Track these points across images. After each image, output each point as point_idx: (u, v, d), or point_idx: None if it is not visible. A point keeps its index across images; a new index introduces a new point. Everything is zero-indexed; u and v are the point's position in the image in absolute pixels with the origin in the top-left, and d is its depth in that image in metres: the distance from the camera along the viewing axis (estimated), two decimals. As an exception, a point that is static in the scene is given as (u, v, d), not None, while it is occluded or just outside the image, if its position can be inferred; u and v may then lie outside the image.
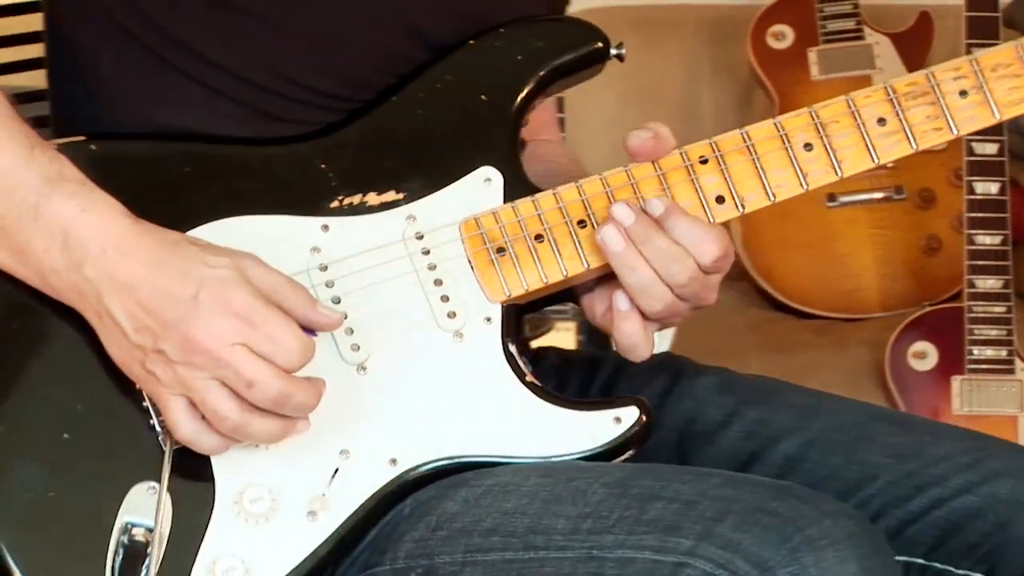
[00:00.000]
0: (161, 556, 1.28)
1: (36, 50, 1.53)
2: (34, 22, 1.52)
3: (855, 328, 2.93)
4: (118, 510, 1.29)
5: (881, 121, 1.35)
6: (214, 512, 1.29)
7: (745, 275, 3.04)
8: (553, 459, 1.32)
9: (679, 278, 1.31)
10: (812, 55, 3.09)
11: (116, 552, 1.28)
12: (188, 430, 1.27)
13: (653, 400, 1.43)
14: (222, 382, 1.25)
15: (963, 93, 1.34)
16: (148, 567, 1.27)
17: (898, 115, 1.35)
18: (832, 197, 2.98)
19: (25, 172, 1.27)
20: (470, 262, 1.34)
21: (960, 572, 1.34)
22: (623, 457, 1.33)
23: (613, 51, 1.39)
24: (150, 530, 1.28)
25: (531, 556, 1.24)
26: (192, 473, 1.29)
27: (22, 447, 1.31)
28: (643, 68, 3.15)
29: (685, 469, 1.33)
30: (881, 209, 3.01)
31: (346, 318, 1.32)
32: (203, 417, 1.26)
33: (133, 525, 1.29)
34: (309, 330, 1.28)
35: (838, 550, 1.16)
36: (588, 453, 1.32)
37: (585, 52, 1.39)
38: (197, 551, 1.28)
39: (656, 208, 1.31)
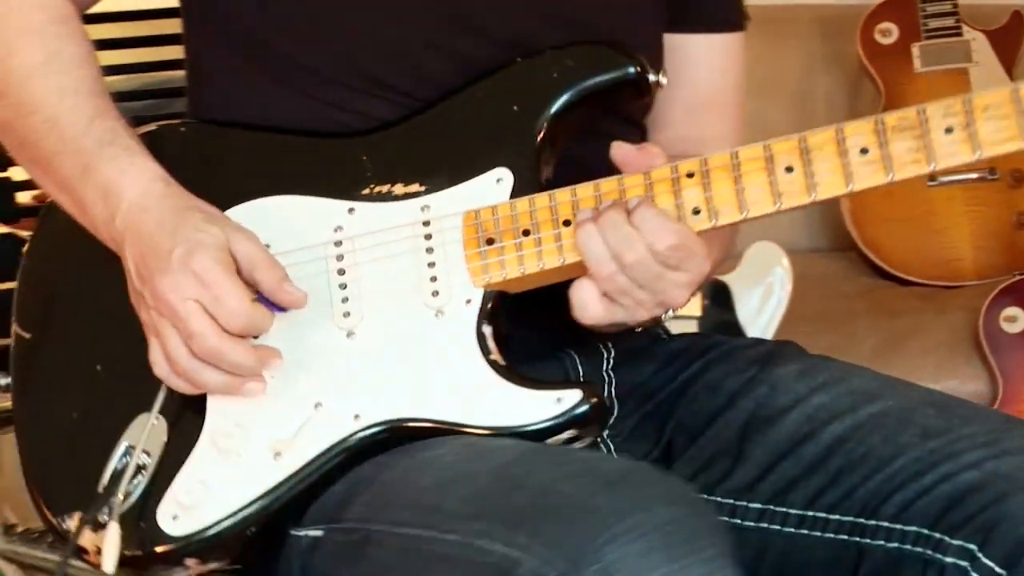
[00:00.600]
0: (147, 476, 1.38)
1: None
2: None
3: (952, 295, 3.01)
4: (123, 434, 1.40)
5: (864, 151, 1.34)
6: (197, 444, 1.38)
7: (853, 246, 3.17)
8: (501, 430, 1.36)
9: (627, 257, 1.32)
10: (915, 50, 3.19)
11: (113, 469, 1.39)
12: (160, 369, 1.36)
13: (735, 386, 1.48)
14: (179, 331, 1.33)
15: (948, 130, 1.33)
16: (132, 484, 1.38)
17: (881, 146, 1.34)
18: (932, 177, 3.05)
19: (83, 139, 1.39)
20: (462, 249, 1.39)
21: (955, 543, 1.31)
22: (564, 437, 1.35)
23: (651, 78, 1.42)
24: (146, 453, 1.38)
25: (429, 535, 1.26)
26: (189, 409, 1.39)
27: (65, 373, 1.45)
28: (761, 62, 3.23)
29: (558, 452, 1.33)
30: (976, 188, 3.09)
31: (345, 288, 1.40)
32: None
33: (132, 448, 1.39)
34: (281, 308, 1.36)
35: (646, 542, 1.14)
36: (528, 429, 1.35)
37: (614, 76, 1.42)
38: (176, 475, 1.38)
39: (632, 203, 1.34)
